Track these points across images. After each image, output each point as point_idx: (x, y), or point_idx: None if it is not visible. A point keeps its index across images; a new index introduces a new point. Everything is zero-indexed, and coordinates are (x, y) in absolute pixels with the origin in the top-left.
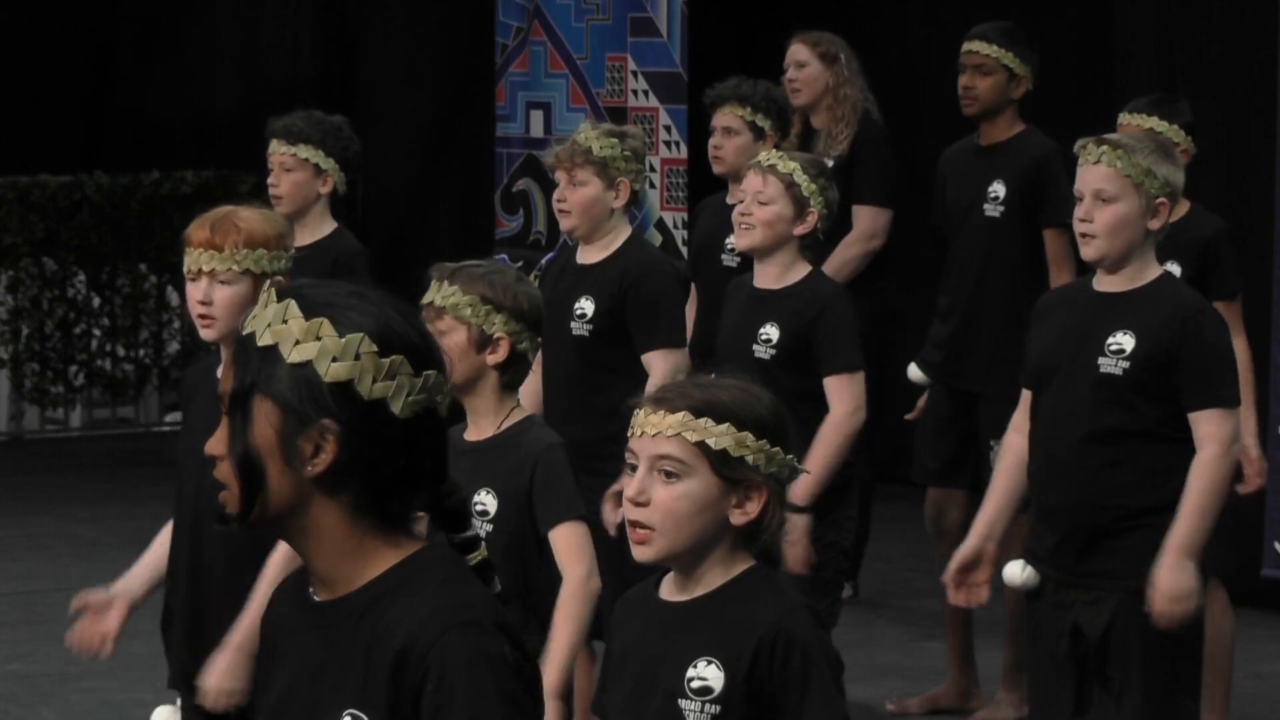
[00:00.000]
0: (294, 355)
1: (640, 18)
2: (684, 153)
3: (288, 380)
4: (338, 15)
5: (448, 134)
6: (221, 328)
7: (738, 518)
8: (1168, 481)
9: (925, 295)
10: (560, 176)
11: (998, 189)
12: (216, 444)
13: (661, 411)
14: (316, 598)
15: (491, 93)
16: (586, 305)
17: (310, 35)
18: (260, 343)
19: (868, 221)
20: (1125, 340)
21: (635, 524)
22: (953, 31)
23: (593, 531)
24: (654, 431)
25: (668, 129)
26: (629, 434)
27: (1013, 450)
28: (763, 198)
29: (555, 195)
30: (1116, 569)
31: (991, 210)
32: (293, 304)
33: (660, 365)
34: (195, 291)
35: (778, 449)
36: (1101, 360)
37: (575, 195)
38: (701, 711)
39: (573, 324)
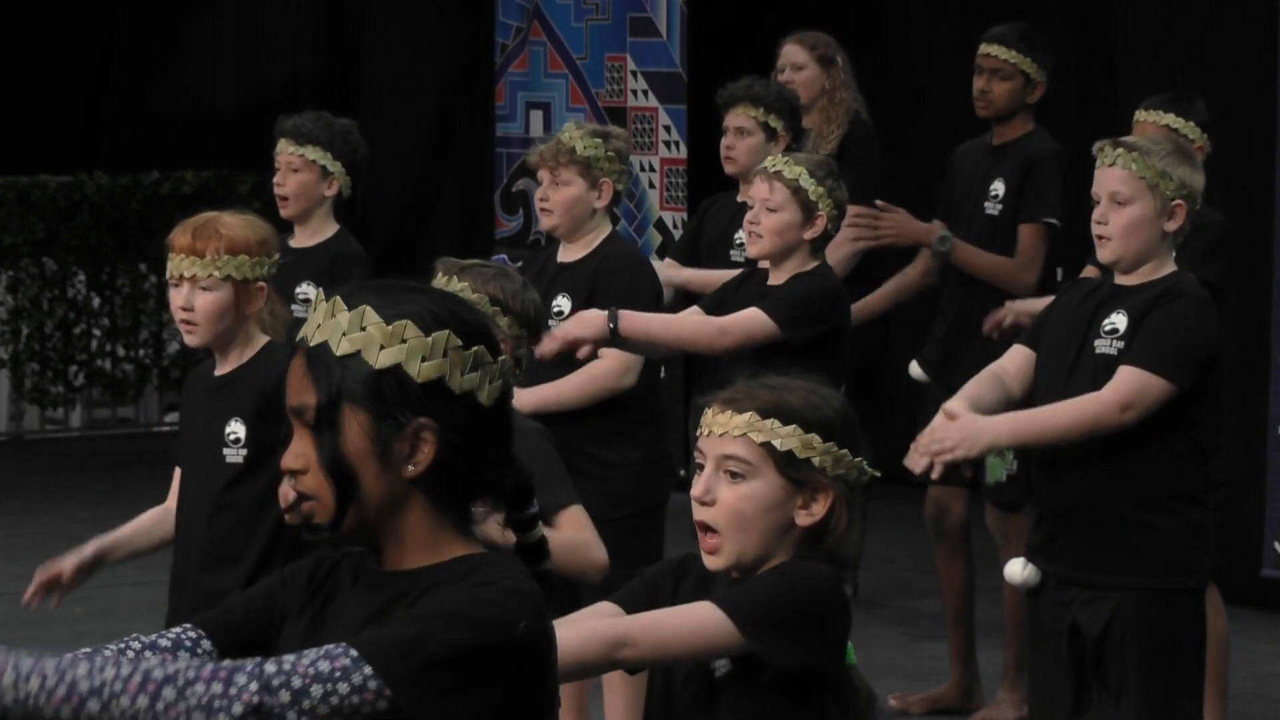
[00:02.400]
0: (382, 360)
1: (640, 18)
2: (683, 153)
3: (377, 385)
4: (338, 15)
5: (448, 134)
6: (204, 334)
7: (803, 519)
8: (1169, 478)
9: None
10: (543, 175)
11: (998, 187)
12: (294, 458)
13: (729, 411)
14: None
15: (491, 93)
16: (563, 303)
17: (310, 35)
18: (340, 352)
19: None
20: (1119, 319)
21: (704, 528)
22: (953, 31)
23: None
24: (720, 431)
25: (667, 129)
26: (697, 433)
27: (985, 371)
28: (770, 204)
29: (538, 194)
30: (1115, 566)
31: (991, 208)
32: (369, 310)
33: (606, 361)
34: (177, 297)
35: (845, 451)
36: (1097, 342)
37: (558, 194)
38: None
39: (552, 322)
